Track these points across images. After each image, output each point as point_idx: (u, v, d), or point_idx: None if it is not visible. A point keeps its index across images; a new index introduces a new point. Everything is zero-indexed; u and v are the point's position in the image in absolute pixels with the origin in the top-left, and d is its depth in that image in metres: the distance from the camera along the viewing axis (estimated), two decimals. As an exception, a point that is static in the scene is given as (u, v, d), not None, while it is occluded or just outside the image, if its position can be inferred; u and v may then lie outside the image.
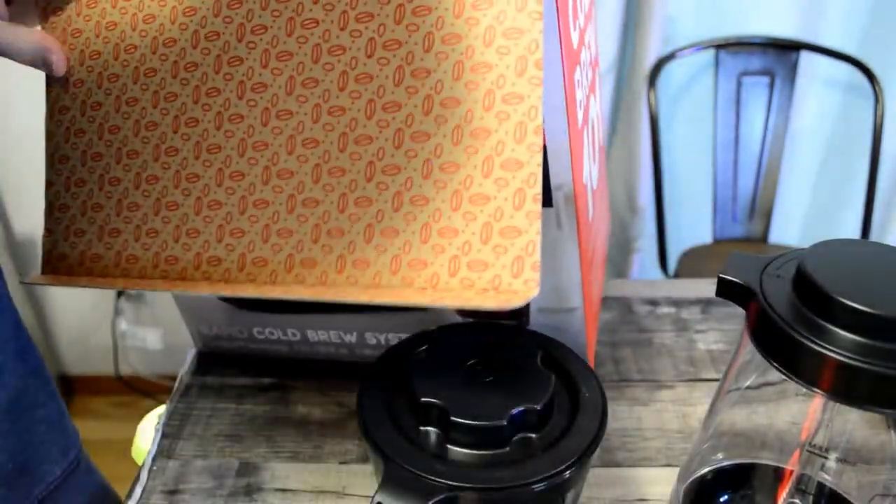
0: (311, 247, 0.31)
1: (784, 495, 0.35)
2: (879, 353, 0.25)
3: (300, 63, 0.32)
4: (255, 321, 0.48)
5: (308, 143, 0.32)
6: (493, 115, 0.29)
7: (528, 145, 0.28)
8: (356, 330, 0.48)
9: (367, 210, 0.30)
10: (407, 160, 0.30)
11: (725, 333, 0.55)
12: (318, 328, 0.48)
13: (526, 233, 0.28)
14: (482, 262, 0.28)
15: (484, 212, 0.28)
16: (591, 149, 0.42)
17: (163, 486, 0.42)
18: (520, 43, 0.29)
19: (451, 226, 0.29)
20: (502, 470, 0.29)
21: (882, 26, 1.31)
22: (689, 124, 1.41)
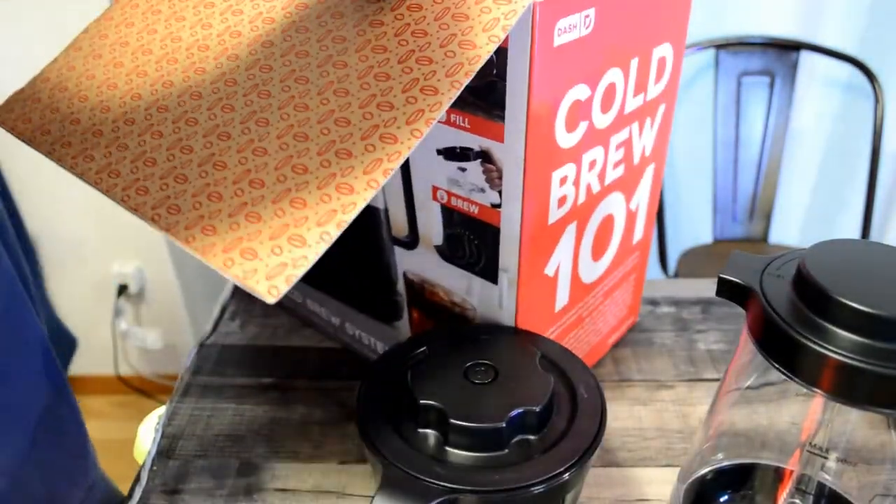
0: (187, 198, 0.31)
1: (784, 495, 0.35)
2: (879, 353, 0.25)
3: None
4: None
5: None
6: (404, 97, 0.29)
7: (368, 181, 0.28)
8: (340, 316, 0.51)
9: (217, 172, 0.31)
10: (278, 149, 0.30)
11: (725, 333, 0.55)
12: (315, 300, 0.52)
13: (308, 247, 0.27)
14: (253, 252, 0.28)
15: (292, 215, 0.28)
16: (590, 247, 0.42)
17: (163, 486, 0.42)
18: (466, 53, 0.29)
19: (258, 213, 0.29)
20: (501, 472, 0.29)
21: (882, 26, 1.31)
22: (689, 124, 1.41)
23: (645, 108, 0.41)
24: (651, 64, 0.40)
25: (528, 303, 0.39)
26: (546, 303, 0.41)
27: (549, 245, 0.38)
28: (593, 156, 0.38)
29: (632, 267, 0.49)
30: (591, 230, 0.42)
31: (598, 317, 0.48)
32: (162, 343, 1.63)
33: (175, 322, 1.59)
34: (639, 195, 0.46)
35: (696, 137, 1.41)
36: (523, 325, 0.39)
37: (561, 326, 0.43)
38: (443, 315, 0.43)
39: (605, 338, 0.51)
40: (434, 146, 0.37)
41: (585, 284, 0.44)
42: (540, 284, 0.39)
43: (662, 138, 0.45)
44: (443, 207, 0.39)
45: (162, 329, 1.63)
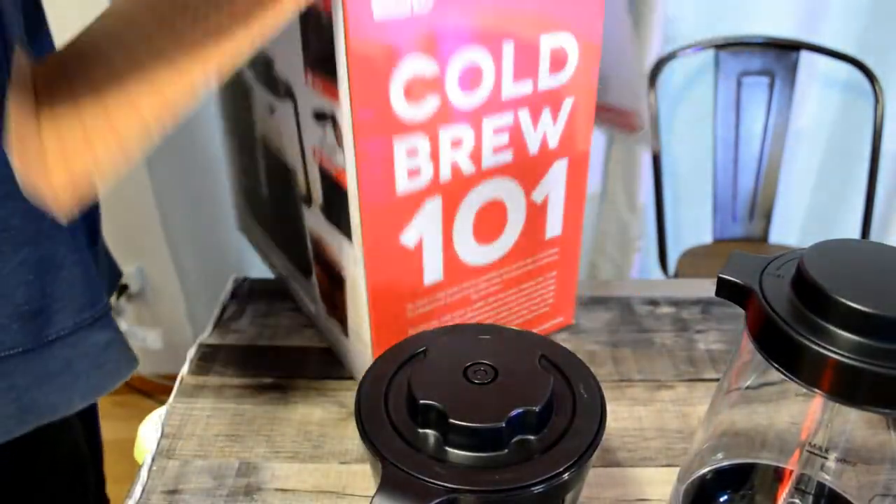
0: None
1: (784, 495, 0.35)
2: (879, 353, 0.25)
3: None
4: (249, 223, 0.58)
5: None
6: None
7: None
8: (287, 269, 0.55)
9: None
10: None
11: (725, 333, 0.55)
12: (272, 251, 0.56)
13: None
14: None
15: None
16: (470, 227, 0.43)
17: (163, 486, 0.42)
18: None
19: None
20: (501, 472, 0.29)
21: (882, 26, 1.31)
22: (689, 124, 1.41)
23: (538, 98, 0.41)
24: (539, 52, 0.40)
25: (381, 267, 0.41)
26: (409, 273, 0.42)
27: (403, 215, 0.40)
28: (457, 134, 0.39)
29: (549, 263, 0.49)
30: (469, 211, 0.42)
31: (500, 305, 0.48)
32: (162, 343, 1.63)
33: (175, 322, 1.59)
34: (545, 188, 0.46)
35: (696, 137, 1.41)
36: (378, 288, 0.41)
37: (437, 302, 0.45)
38: (331, 274, 0.45)
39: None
40: (310, 108, 0.39)
41: (470, 266, 0.45)
42: (396, 253, 0.41)
43: (575, 133, 0.45)
44: (320, 168, 0.41)
45: (162, 329, 1.63)
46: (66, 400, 0.44)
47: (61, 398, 0.43)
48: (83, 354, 0.44)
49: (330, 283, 0.46)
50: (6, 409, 0.41)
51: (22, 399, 0.42)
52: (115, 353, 0.46)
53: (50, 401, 0.43)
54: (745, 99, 1.35)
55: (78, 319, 0.44)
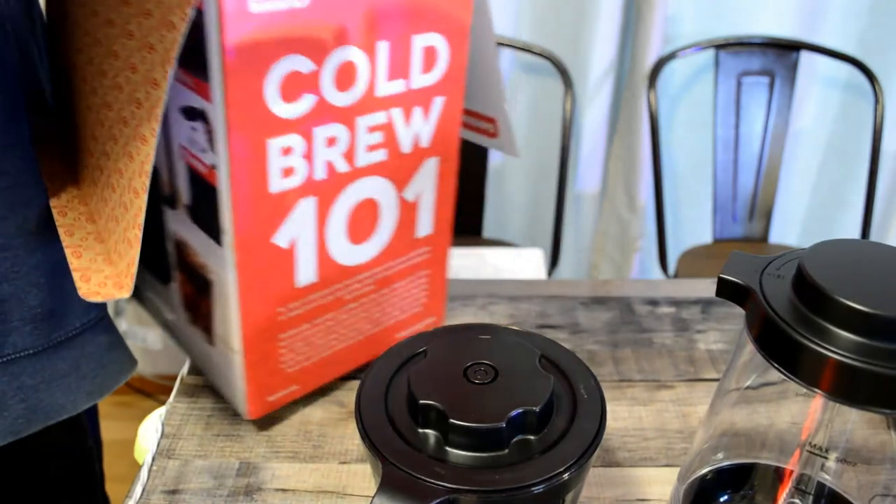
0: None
1: (784, 495, 0.35)
2: (879, 353, 0.25)
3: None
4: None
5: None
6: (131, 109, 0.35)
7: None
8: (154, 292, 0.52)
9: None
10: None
11: (725, 333, 0.55)
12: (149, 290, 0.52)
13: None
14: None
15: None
16: (344, 227, 0.42)
17: (163, 486, 0.42)
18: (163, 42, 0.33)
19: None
20: (501, 472, 0.29)
21: (882, 26, 1.31)
22: (689, 124, 1.41)
23: (410, 97, 0.41)
24: (411, 51, 0.40)
25: (253, 269, 0.40)
26: (282, 275, 0.41)
27: (276, 215, 0.39)
28: (331, 133, 0.39)
29: (420, 262, 0.49)
30: (342, 210, 0.42)
31: (373, 306, 0.47)
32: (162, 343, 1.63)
33: (175, 322, 1.59)
34: (416, 187, 0.45)
35: (696, 137, 1.41)
36: (250, 291, 0.40)
37: (310, 304, 0.43)
38: (197, 280, 0.43)
39: (391, 330, 0.50)
40: (177, 105, 0.38)
41: (343, 266, 0.44)
42: (268, 254, 0.40)
43: (446, 132, 0.45)
44: (188, 168, 0.39)
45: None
46: (72, 400, 0.44)
47: (67, 398, 0.44)
48: (88, 355, 0.45)
49: (194, 289, 0.44)
50: (15, 410, 0.41)
51: (30, 399, 0.42)
52: (118, 354, 0.47)
53: (57, 401, 0.43)
54: (745, 99, 1.35)
55: (84, 320, 0.44)
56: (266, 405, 0.45)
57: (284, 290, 0.42)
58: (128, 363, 0.48)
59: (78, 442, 0.57)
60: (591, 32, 1.32)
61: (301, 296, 0.43)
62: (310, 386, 0.47)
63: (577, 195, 1.49)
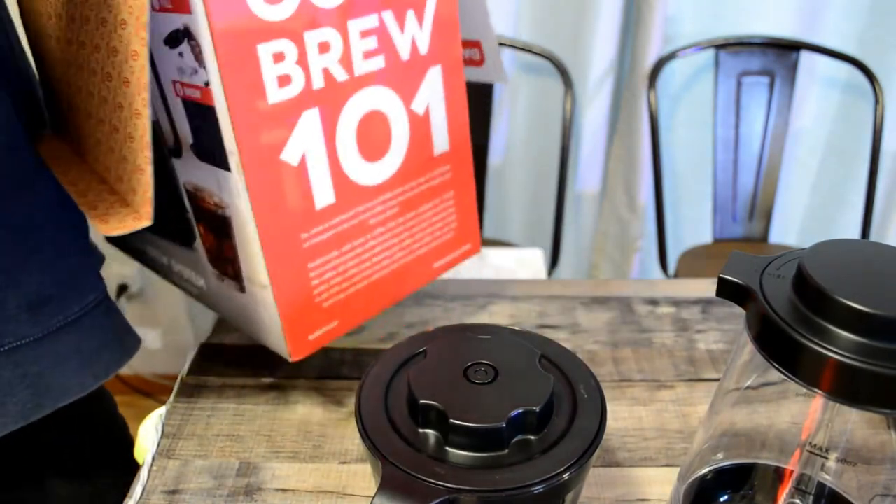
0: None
1: (784, 495, 0.35)
2: (879, 353, 0.25)
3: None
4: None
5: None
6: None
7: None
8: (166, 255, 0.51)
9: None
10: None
11: (725, 333, 0.55)
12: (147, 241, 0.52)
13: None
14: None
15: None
16: (354, 142, 0.42)
17: (163, 486, 0.42)
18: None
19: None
20: (501, 472, 0.29)
21: (882, 26, 1.31)
22: (689, 124, 1.41)
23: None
24: None
25: (267, 190, 0.39)
26: (298, 196, 0.40)
27: (280, 128, 0.38)
28: (323, 37, 0.38)
29: (443, 183, 0.48)
30: (349, 123, 0.41)
31: (402, 231, 0.47)
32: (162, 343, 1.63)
33: (175, 322, 1.59)
34: (423, 98, 0.45)
35: (696, 137, 1.41)
36: (264, 215, 0.39)
37: (333, 228, 0.43)
38: (215, 223, 0.43)
39: (427, 259, 0.50)
40: (161, 37, 0.37)
41: (361, 186, 0.43)
42: (279, 172, 0.39)
43: (445, 38, 0.45)
44: (183, 101, 0.39)
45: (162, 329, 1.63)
46: (79, 382, 0.44)
47: (74, 381, 0.44)
48: (90, 337, 0.45)
49: (216, 236, 0.43)
50: (22, 395, 0.42)
51: (36, 385, 0.42)
52: (120, 334, 0.47)
53: (63, 384, 0.43)
54: (745, 99, 1.35)
55: (83, 304, 0.44)
56: (308, 344, 0.44)
57: (304, 213, 0.41)
58: (131, 342, 0.48)
59: (107, 412, 0.58)
60: (591, 32, 1.32)
61: (322, 219, 0.42)
62: (351, 322, 0.46)
63: (577, 195, 1.49)
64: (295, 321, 0.43)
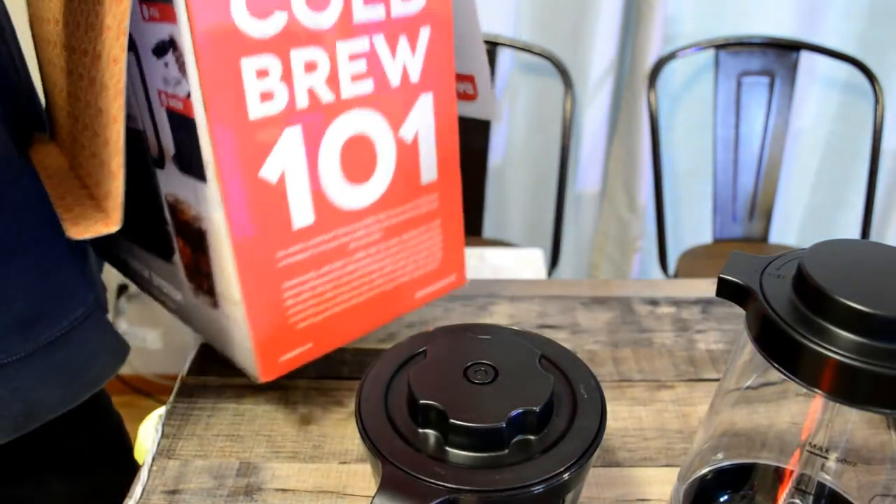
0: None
1: (784, 495, 0.35)
2: (879, 353, 0.25)
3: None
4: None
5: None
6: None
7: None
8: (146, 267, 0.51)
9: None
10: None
11: (725, 333, 0.55)
12: (128, 253, 0.52)
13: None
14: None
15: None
16: (338, 164, 0.42)
17: (163, 486, 0.42)
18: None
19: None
20: (501, 472, 0.29)
21: (882, 26, 1.31)
22: (689, 124, 1.41)
23: (392, 25, 0.41)
24: None
25: (243, 205, 0.38)
26: (275, 214, 0.40)
27: (260, 144, 0.38)
28: (310, 57, 0.38)
29: (430, 211, 0.48)
30: (334, 145, 0.41)
31: (384, 257, 0.46)
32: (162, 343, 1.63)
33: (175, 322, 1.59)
34: (412, 125, 0.44)
35: (696, 137, 1.41)
36: (242, 230, 0.39)
37: (312, 249, 0.42)
38: (192, 236, 0.42)
39: (409, 287, 0.49)
40: (149, 47, 0.37)
41: (342, 209, 0.43)
42: (256, 188, 0.38)
43: (436, 66, 0.44)
44: (167, 112, 0.39)
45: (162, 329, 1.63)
46: (71, 393, 0.44)
47: (65, 392, 0.44)
48: (81, 350, 0.45)
49: (193, 250, 0.43)
50: (14, 409, 0.42)
51: (28, 399, 0.42)
52: (109, 344, 0.47)
53: (55, 396, 0.44)
54: (745, 99, 1.35)
55: (72, 319, 0.44)
56: (278, 366, 0.43)
57: (280, 232, 0.40)
58: (122, 350, 0.48)
59: (103, 408, 0.59)
60: (591, 32, 1.32)
61: (300, 239, 0.41)
62: (325, 346, 0.45)
63: (577, 195, 1.49)
64: (266, 341, 0.42)
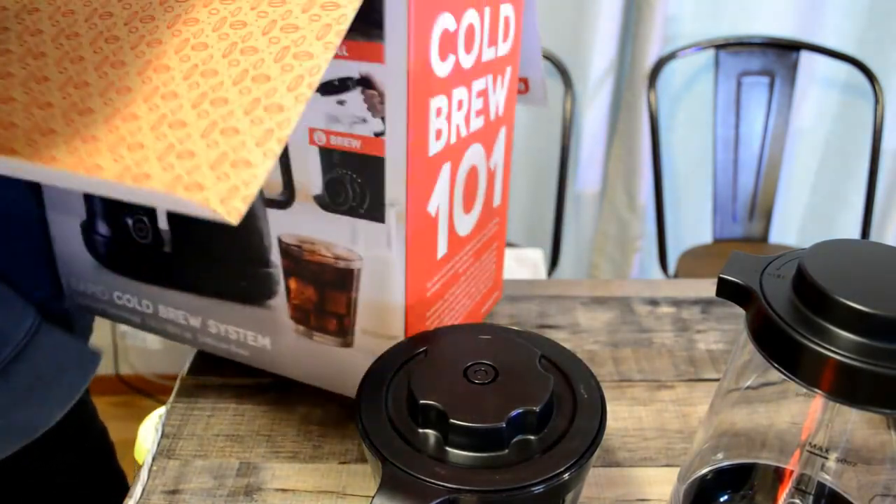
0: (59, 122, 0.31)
1: (784, 495, 0.35)
2: (879, 353, 0.25)
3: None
4: (116, 284, 0.48)
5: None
6: (278, 67, 0.30)
7: (296, 95, 0.29)
8: (201, 314, 0.47)
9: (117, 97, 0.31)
10: (187, 90, 0.31)
11: (725, 333, 0.55)
12: (169, 304, 0.48)
13: (255, 167, 0.27)
14: (199, 185, 0.28)
15: (228, 143, 0.29)
16: (462, 195, 0.43)
17: (163, 486, 0.42)
18: (331, 14, 0.31)
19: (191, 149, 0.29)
20: (501, 472, 0.29)
21: (882, 26, 1.31)
22: (689, 124, 1.41)
23: (497, 63, 0.43)
24: (499, 18, 0.42)
25: (416, 241, 0.39)
26: (429, 247, 0.40)
27: (430, 180, 0.39)
28: (460, 95, 0.40)
29: (493, 234, 0.50)
30: (462, 177, 0.43)
31: (472, 279, 0.48)
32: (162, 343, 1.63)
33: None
34: (496, 155, 0.47)
35: (696, 137, 1.41)
36: (412, 266, 0.39)
37: (442, 279, 0.43)
38: (325, 276, 0.41)
39: (478, 306, 0.51)
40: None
41: (460, 237, 0.44)
42: (424, 223, 0.39)
43: (510, 102, 0.47)
44: (321, 150, 0.38)
45: (162, 329, 1.63)
46: (47, 412, 0.43)
47: (39, 412, 0.43)
48: (45, 360, 0.43)
49: (321, 292, 0.41)
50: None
51: (3, 418, 0.41)
52: (73, 354, 0.46)
53: (29, 418, 0.42)
54: (745, 99, 1.35)
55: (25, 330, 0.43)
56: None
57: (430, 263, 0.41)
58: (87, 360, 0.46)
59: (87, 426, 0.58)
60: (591, 32, 1.32)
61: (439, 269, 0.42)
62: None
63: (577, 195, 1.49)
64: None
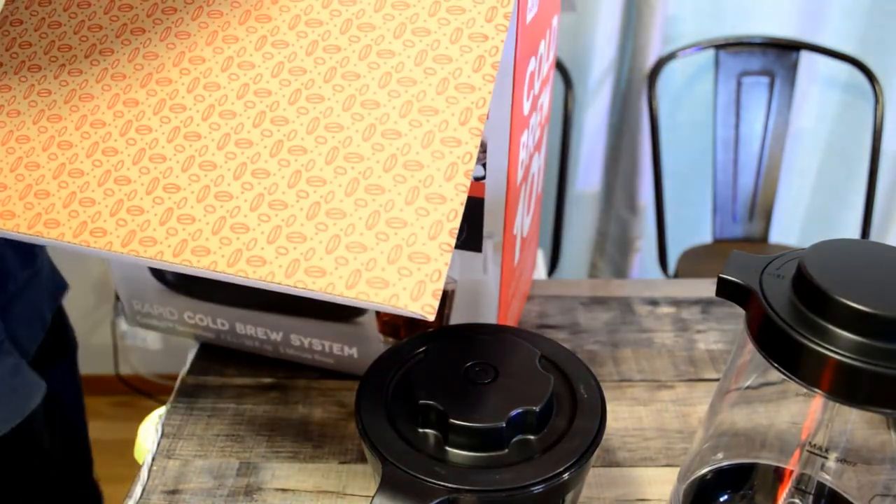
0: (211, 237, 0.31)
1: (784, 495, 0.35)
2: (879, 353, 0.25)
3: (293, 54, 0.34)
4: (187, 306, 0.49)
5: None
6: (428, 153, 0.30)
7: (455, 185, 0.30)
8: (282, 330, 0.48)
9: (279, 213, 0.31)
10: (334, 175, 0.31)
11: (725, 333, 0.55)
12: (248, 322, 0.48)
13: (435, 261, 0.28)
14: (383, 280, 0.28)
15: (398, 235, 0.29)
16: (526, 202, 0.46)
17: (163, 486, 0.42)
18: (469, 97, 0.31)
19: (360, 242, 0.29)
20: (501, 472, 0.29)
21: (882, 26, 1.31)
22: (689, 124, 1.41)
23: (546, 71, 0.47)
24: (541, 68, 0.44)
25: (508, 264, 0.43)
26: (511, 261, 0.44)
27: (517, 205, 0.42)
28: (534, 120, 0.44)
29: (530, 233, 0.53)
30: (528, 187, 0.46)
31: (518, 276, 0.51)
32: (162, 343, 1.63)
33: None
34: (542, 153, 0.51)
35: (696, 137, 1.41)
36: (504, 285, 0.43)
37: (513, 284, 0.47)
38: None
39: (521, 304, 0.55)
40: None
41: (524, 238, 0.48)
42: (512, 246, 0.43)
43: (549, 98, 0.50)
44: None
45: (162, 329, 1.63)
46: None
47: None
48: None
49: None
50: None
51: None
52: (23, 378, 0.47)
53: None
54: (745, 99, 1.35)
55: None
56: None
57: (510, 275, 0.45)
58: (36, 387, 0.48)
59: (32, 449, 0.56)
60: (591, 32, 1.32)
61: (514, 276, 0.46)
62: None
63: (577, 195, 1.49)
64: None
